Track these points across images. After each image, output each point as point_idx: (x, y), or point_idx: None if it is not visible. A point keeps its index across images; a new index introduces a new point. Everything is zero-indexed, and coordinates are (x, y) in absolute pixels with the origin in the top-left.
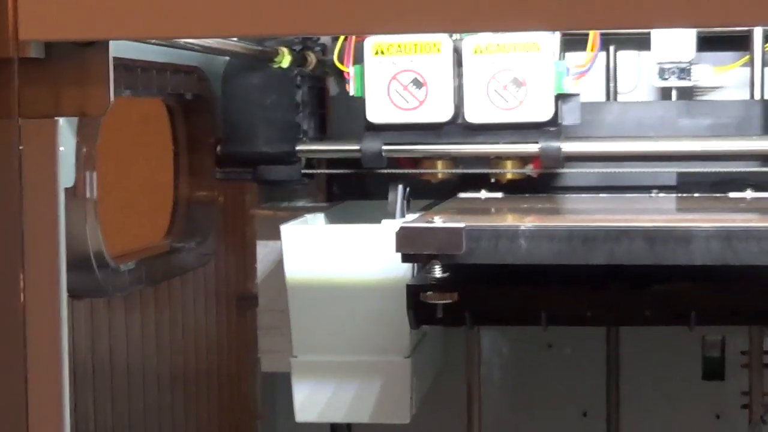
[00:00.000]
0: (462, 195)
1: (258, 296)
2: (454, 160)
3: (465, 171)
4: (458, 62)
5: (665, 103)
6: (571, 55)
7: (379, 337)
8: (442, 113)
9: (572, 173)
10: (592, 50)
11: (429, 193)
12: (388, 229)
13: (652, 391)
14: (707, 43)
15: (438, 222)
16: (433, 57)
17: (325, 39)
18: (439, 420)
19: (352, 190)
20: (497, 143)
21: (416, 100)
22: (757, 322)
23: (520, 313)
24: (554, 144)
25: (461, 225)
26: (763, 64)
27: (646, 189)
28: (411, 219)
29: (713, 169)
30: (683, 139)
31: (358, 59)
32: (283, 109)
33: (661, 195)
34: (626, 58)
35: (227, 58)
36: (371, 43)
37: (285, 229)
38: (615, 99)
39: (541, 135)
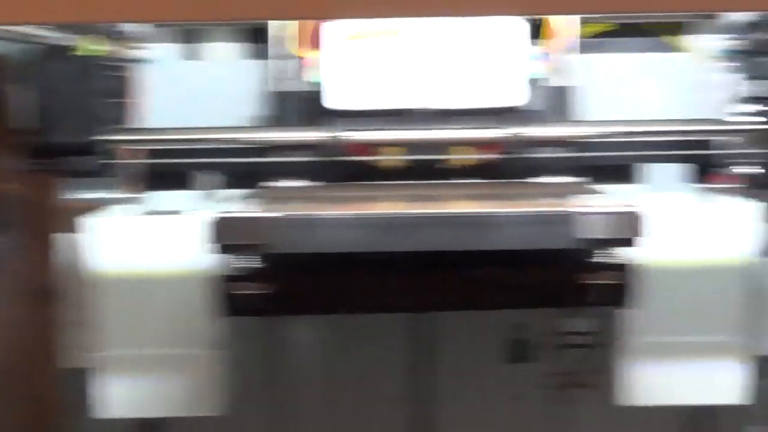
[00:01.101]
0: (273, 184)
1: (61, 291)
2: (408, 146)
3: (420, 157)
4: (421, 47)
5: None
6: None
7: (189, 330)
8: (405, 99)
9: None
10: (550, 36)
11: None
12: (198, 219)
13: (460, 375)
14: None
15: (252, 211)
16: (395, 41)
17: (130, 27)
18: (254, 411)
19: (161, 180)
20: (463, 128)
21: (377, 85)
22: (556, 304)
23: (333, 302)
24: (523, 128)
25: (275, 214)
26: None
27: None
28: (223, 209)
29: (516, 155)
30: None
31: (315, 44)
32: (87, 98)
33: (466, 181)
34: None
35: (27, 45)
36: (331, 27)
37: (88, 221)
38: None
39: (508, 120)
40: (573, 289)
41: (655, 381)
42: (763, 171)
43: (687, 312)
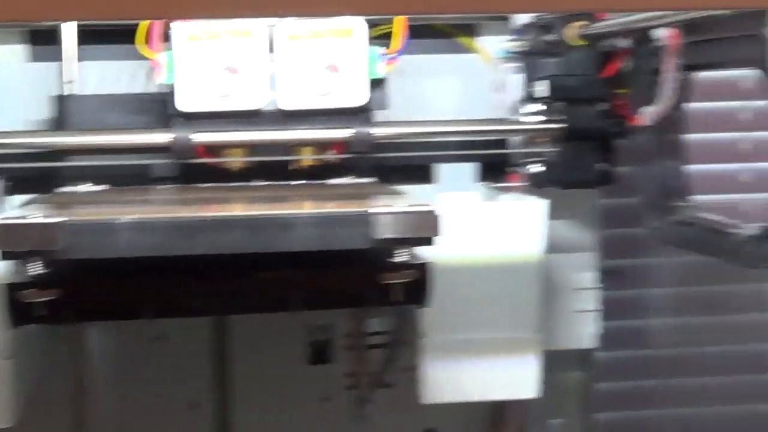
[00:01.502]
0: (64, 189)
1: None
2: (255, 148)
3: (265, 159)
4: (272, 48)
5: None
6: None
7: None
8: (256, 100)
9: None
10: (398, 36)
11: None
12: None
13: (261, 379)
14: None
15: (35, 217)
16: (246, 43)
17: None
18: (49, 420)
19: None
20: (311, 129)
21: (229, 86)
22: (356, 304)
23: (124, 307)
24: (367, 129)
25: (59, 219)
26: None
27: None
28: (7, 215)
29: (311, 157)
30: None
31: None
32: None
33: (264, 183)
34: None
35: None
36: (182, 28)
37: None
38: None
39: (354, 120)
40: (372, 288)
41: (456, 378)
42: (544, 169)
43: (483, 309)
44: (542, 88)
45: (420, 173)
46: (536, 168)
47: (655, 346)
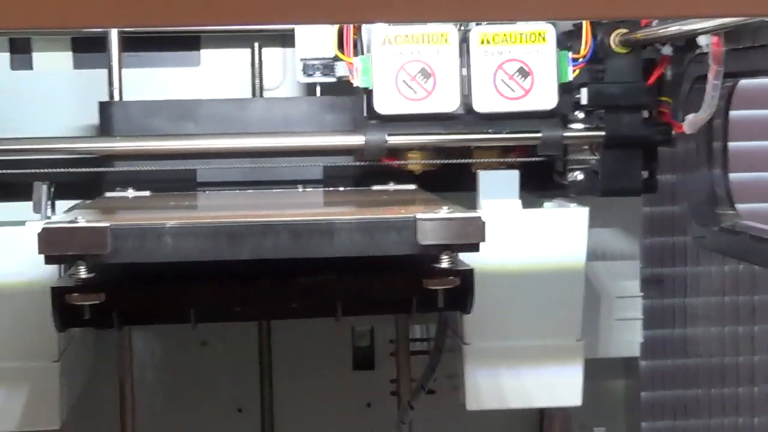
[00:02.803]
0: (109, 194)
1: None
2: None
3: (448, 161)
4: (465, 52)
5: (310, 98)
6: None
7: (25, 342)
8: (449, 103)
9: (216, 169)
10: (587, 39)
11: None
12: (32, 230)
13: (304, 384)
14: None
15: (81, 221)
16: (441, 47)
17: None
18: (93, 424)
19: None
20: (502, 133)
21: (424, 90)
22: (400, 310)
23: (169, 311)
24: (557, 133)
25: (105, 224)
26: None
27: (293, 183)
28: (54, 219)
29: (357, 163)
30: (328, 134)
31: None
32: None
33: (307, 189)
34: (270, 54)
35: None
36: (378, 32)
37: None
38: (261, 95)
39: (542, 124)
40: (417, 294)
41: (499, 385)
42: (585, 177)
43: (525, 316)
44: (584, 96)
45: (460, 180)
46: (579, 175)
47: (699, 355)
